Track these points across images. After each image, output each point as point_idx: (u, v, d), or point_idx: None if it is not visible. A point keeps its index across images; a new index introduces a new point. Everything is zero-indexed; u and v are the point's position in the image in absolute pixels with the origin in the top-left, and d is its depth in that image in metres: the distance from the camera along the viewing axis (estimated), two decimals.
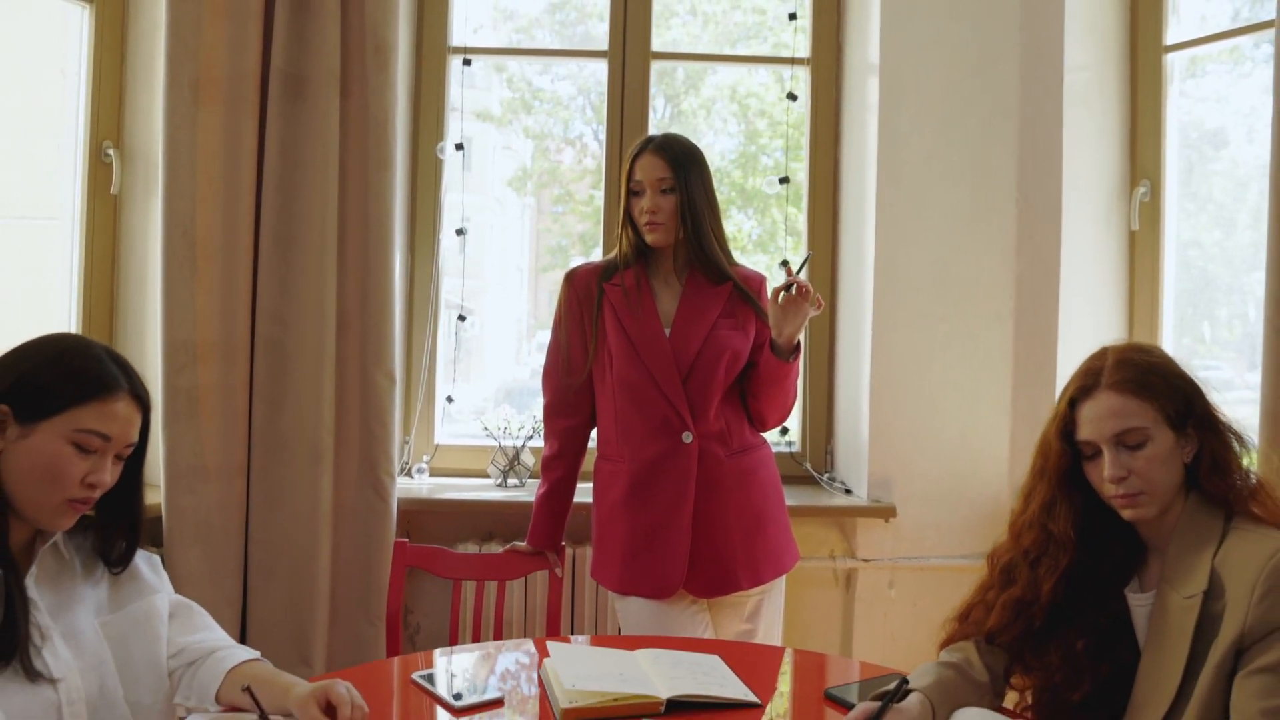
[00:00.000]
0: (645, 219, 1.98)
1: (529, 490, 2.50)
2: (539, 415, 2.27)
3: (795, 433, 2.77)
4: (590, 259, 2.61)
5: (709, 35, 3.01)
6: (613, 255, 2.10)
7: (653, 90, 2.77)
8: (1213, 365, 2.56)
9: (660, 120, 2.93)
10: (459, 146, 2.68)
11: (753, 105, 3.02)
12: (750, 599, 2.02)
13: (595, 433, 2.13)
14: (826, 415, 2.76)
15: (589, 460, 2.15)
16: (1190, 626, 1.24)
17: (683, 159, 1.99)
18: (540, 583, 2.35)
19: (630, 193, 2.02)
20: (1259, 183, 2.36)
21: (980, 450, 2.56)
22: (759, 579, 1.98)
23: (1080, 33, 2.53)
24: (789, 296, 1.87)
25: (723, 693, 1.41)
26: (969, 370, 2.56)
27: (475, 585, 2.23)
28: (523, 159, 3.14)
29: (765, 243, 2.91)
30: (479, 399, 2.88)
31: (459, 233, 2.69)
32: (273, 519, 2.27)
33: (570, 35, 3.00)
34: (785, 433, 2.75)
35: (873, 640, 2.55)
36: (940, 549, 2.54)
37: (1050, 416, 1.40)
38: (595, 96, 2.94)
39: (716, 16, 3.02)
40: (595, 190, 2.93)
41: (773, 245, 2.83)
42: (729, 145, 3.06)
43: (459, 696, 1.42)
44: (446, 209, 2.71)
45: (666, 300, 2.02)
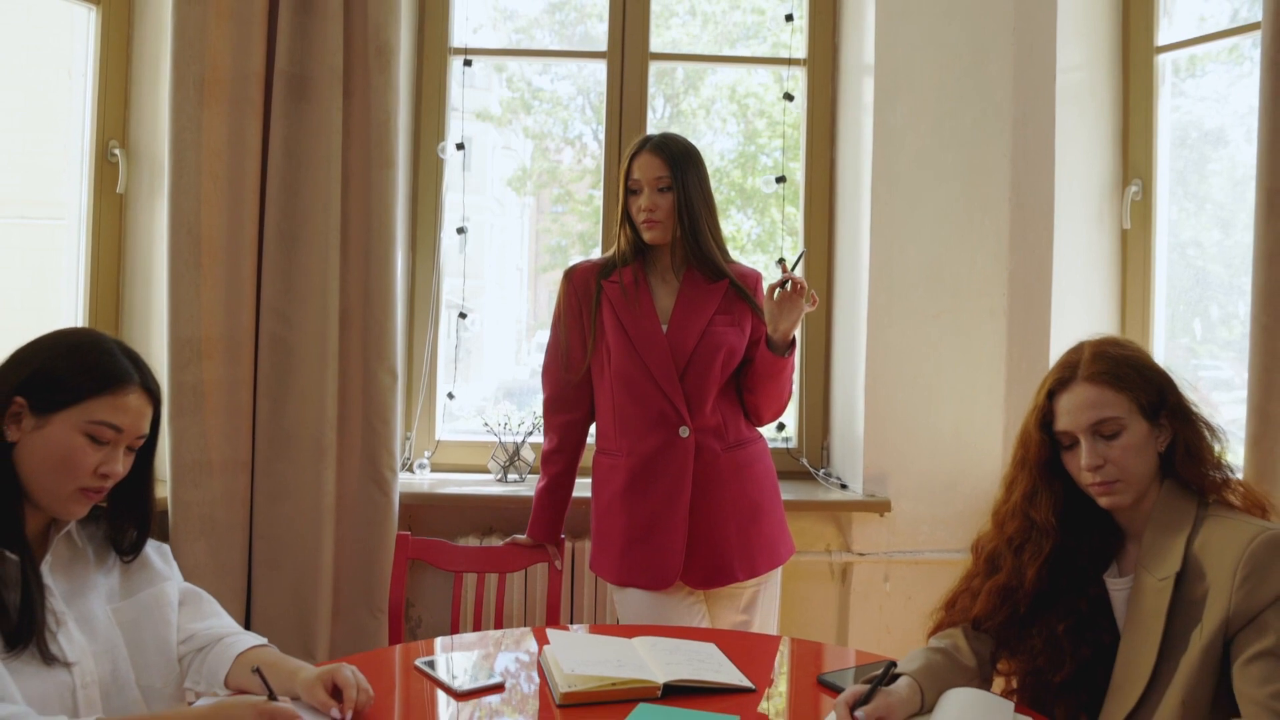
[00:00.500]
0: (643, 217, 2.02)
1: (529, 485, 2.53)
2: (539, 411, 2.30)
3: (792, 429, 2.81)
4: (590, 257, 2.64)
5: (708, 35, 3.03)
6: (611, 253, 2.13)
7: (652, 90, 2.80)
8: (1212, 365, 2.58)
9: (660, 120, 2.95)
10: (460, 146, 2.72)
11: (752, 105, 3.05)
12: (746, 590, 2.05)
13: (594, 427, 2.17)
14: (823, 411, 2.80)
15: (588, 455, 2.18)
16: (1164, 607, 1.29)
17: (680, 158, 2.02)
18: (540, 575, 2.39)
19: (628, 191, 2.05)
20: None
21: (974, 446, 2.59)
22: (754, 570, 2.02)
23: (1072, 34, 2.57)
24: (784, 292, 1.91)
25: (718, 678, 1.44)
26: (963, 367, 2.60)
27: (476, 578, 2.26)
28: (522, 159, 3.15)
29: (765, 242, 2.94)
30: (479, 399, 2.90)
31: (460, 231, 2.72)
32: (277, 513, 2.31)
33: (570, 35, 3.02)
34: (782, 429, 2.79)
35: (868, 633, 2.58)
36: (934, 543, 2.58)
37: (1030, 408, 1.44)
38: (595, 96, 2.96)
39: (716, 16, 3.04)
40: (595, 190, 2.96)
41: (772, 245, 2.86)
42: (728, 145, 3.08)
43: (460, 681, 1.45)
44: (447, 208, 2.75)
45: (664, 297, 2.06)
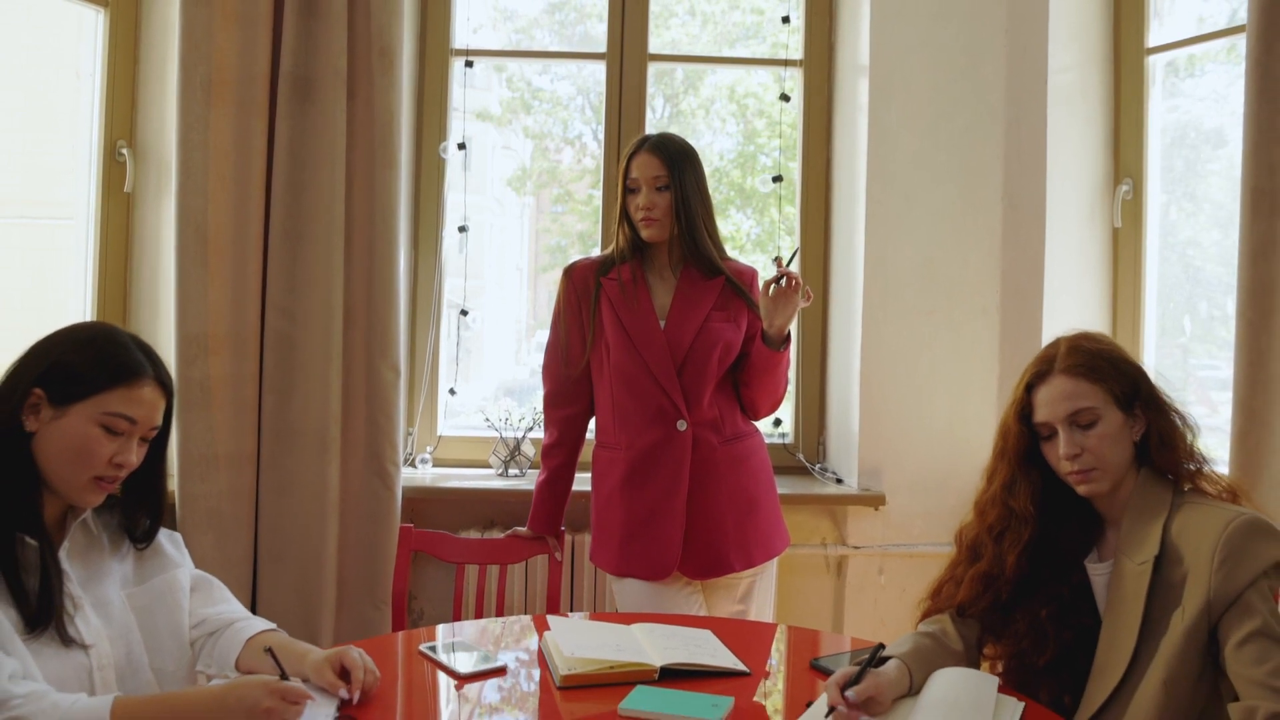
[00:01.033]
0: (641, 215, 2.06)
1: (529, 480, 2.57)
2: (539, 407, 2.34)
3: (788, 424, 2.85)
4: (588, 256, 2.68)
5: (708, 35, 3.06)
6: (610, 250, 2.18)
7: (651, 90, 2.83)
8: (1210, 365, 2.62)
9: (659, 120, 2.98)
10: (461, 146, 2.76)
11: (751, 105, 3.07)
12: (742, 581, 2.09)
13: (594, 422, 2.21)
14: (818, 407, 2.84)
15: (587, 451, 2.22)
16: (1143, 590, 1.34)
17: (677, 157, 2.06)
18: (540, 567, 2.43)
19: (627, 190, 2.10)
20: None
21: (967, 440, 2.63)
22: (750, 561, 2.06)
23: (1064, 36, 2.61)
24: (779, 288, 1.96)
25: (714, 662, 1.49)
26: (956, 363, 2.64)
27: (478, 569, 2.30)
28: (522, 159, 3.17)
29: (764, 241, 2.97)
30: (479, 398, 2.93)
31: (461, 230, 2.76)
32: (282, 506, 2.35)
33: (569, 35, 3.04)
34: (779, 424, 2.83)
35: (863, 625, 2.63)
36: (928, 536, 2.62)
37: (1009, 402, 1.50)
38: (594, 96, 2.99)
39: (715, 16, 3.07)
40: (594, 190, 2.98)
41: (771, 244, 2.90)
42: (728, 145, 3.10)
43: (463, 665, 1.50)
44: (448, 208, 2.78)
45: (661, 294, 2.10)
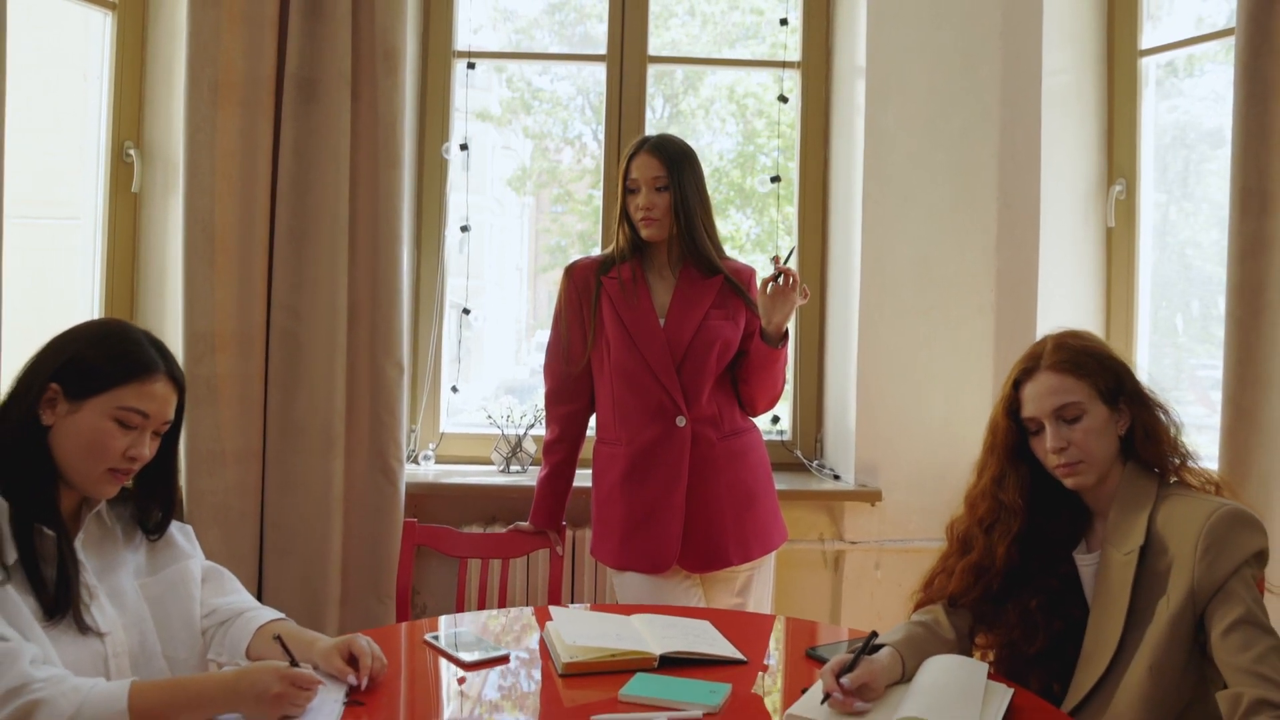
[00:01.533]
0: (640, 215, 2.10)
1: (531, 476, 2.61)
2: (540, 404, 2.38)
3: (786, 422, 2.89)
4: (588, 255, 2.71)
5: (707, 35, 3.08)
6: (610, 250, 2.22)
7: (651, 90, 2.86)
8: (1210, 365, 2.63)
9: (659, 120, 3.01)
10: (463, 147, 2.79)
11: (750, 105, 3.09)
12: (741, 574, 2.13)
13: (594, 418, 2.25)
14: (816, 405, 2.88)
15: (588, 448, 2.26)
16: (1129, 579, 1.38)
17: (677, 158, 2.10)
18: (542, 561, 2.47)
19: (627, 190, 2.13)
20: None
21: (963, 437, 2.66)
22: (749, 555, 2.10)
23: (1058, 38, 2.65)
24: (777, 286, 1.99)
25: (712, 650, 1.53)
26: (952, 361, 2.68)
27: (480, 563, 2.34)
28: (522, 159, 3.20)
29: (763, 241, 3.00)
30: (479, 399, 2.96)
31: (464, 229, 2.80)
32: (287, 502, 2.38)
33: (569, 35, 3.06)
34: (777, 421, 2.87)
35: (860, 619, 2.66)
36: (924, 532, 2.65)
37: (998, 398, 1.54)
38: (594, 96, 3.02)
39: (715, 17, 3.09)
40: (594, 190, 3.01)
41: (770, 244, 2.93)
42: (727, 145, 3.13)
43: (467, 653, 1.53)
44: (449, 208, 2.82)
45: (661, 292, 2.14)
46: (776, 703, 1.42)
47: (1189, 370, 2.65)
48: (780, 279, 1.99)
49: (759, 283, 2.06)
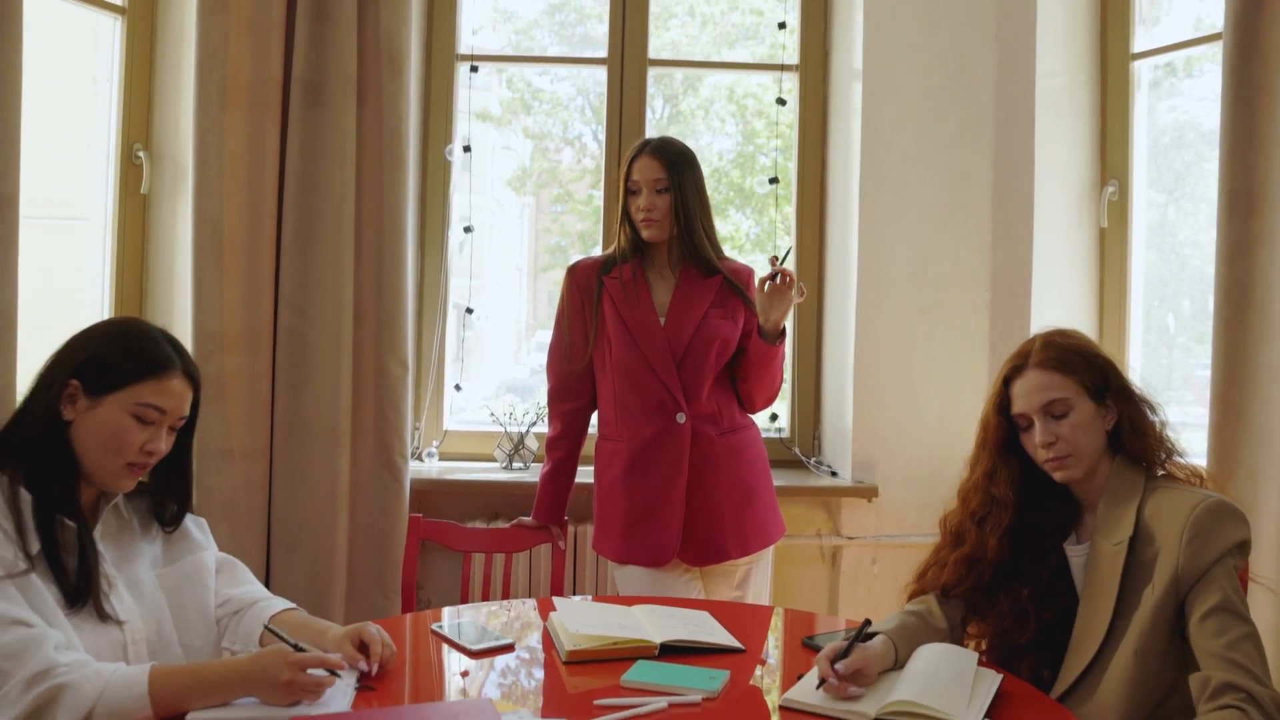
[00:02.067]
0: (641, 216, 2.14)
1: (533, 473, 2.65)
2: (542, 402, 2.42)
3: (784, 419, 2.93)
4: (589, 255, 2.76)
5: (707, 36, 3.10)
6: (611, 250, 2.26)
7: (651, 90, 2.90)
8: (1207, 365, 2.68)
9: (659, 120, 3.04)
10: (467, 149, 2.84)
11: (750, 106, 3.12)
12: (739, 568, 2.18)
13: (596, 416, 2.29)
14: (814, 403, 2.92)
15: (589, 445, 2.30)
16: (1119, 569, 1.43)
17: (677, 161, 2.14)
18: (544, 555, 2.51)
19: (628, 192, 2.18)
20: None
21: (958, 434, 2.70)
22: (747, 549, 2.15)
23: (1052, 42, 2.69)
24: (774, 285, 2.04)
25: (711, 639, 1.57)
26: (947, 359, 2.72)
27: (484, 557, 2.38)
28: (522, 159, 3.22)
29: (763, 241, 3.03)
30: (480, 398, 2.99)
31: (467, 230, 2.84)
32: (294, 498, 2.42)
33: (569, 36, 3.08)
34: (775, 419, 2.91)
35: (857, 614, 2.70)
36: (920, 527, 2.70)
37: (989, 395, 1.59)
38: (594, 97, 3.04)
39: (714, 18, 3.11)
40: (594, 190, 3.04)
41: (770, 244, 2.97)
42: (727, 145, 3.15)
43: (473, 642, 1.57)
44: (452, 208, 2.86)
45: (661, 292, 2.18)
46: (774, 689, 1.47)
47: (1189, 370, 2.67)
48: (777, 278, 2.04)
49: (757, 282, 2.10)
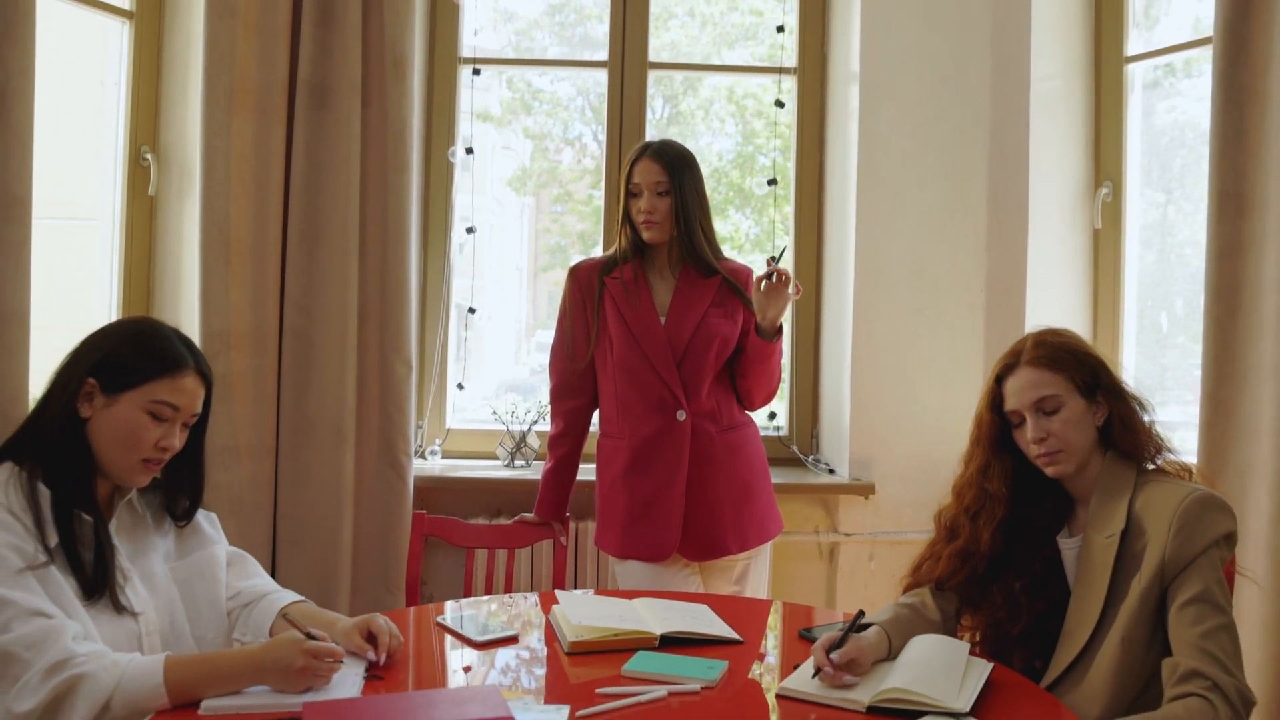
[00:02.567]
0: (642, 218, 2.18)
1: (535, 470, 2.68)
2: (544, 401, 2.46)
3: (783, 418, 2.97)
4: (591, 255, 2.79)
5: (707, 36, 3.12)
6: (612, 251, 2.30)
7: (651, 91, 2.92)
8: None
9: (658, 120, 3.06)
10: (469, 150, 2.87)
11: (749, 106, 3.15)
12: (738, 563, 2.22)
13: (598, 414, 2.33)
14: (812, 401, 2.96)
15: (591, 443, 2.34)
16: (1110, 561, 1.47)
17: (677, 164, 2.18)
18: (546, 551, 2.55)
19: (629, 194, 2.22)
20: None
21: (954, 432, 2.69)
22: (746, 544, 2.18)
23: (1047, 45, 2.72)
24: (770, 283, 2.08)
25: (710, 630, 1.61)
26: (943, 358, 2.75)
27: (487, 553, 2.42)
28: (522, 159, 3.25)
29: (762, 241, 3.06)
30: (481, 397, 3.02)
31: (469, 231, 2.87)
32: (300, 495, 2.45)
33: (570, 36, 3.10)
34: (773, 417, 2.95)
35: (854, 609, 2.73)
36: (917, 524, 2.73)
37: (982, 393, 1.63)
38: (594, 97, 3.07)
39: (714, 18, 3.13)
40: (594, 190, 3.07)
41: (769, 244, 3.00)
42: (726, 146, 3.18)
43: (477, 634, 1.61)
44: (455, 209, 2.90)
45: (662, 292, 2.22)
46: (771, 678, 1.51)
47: (1185, 370, 2.70)
48: (773, 276, 2.07)
49: (754, 281, 2.14)
